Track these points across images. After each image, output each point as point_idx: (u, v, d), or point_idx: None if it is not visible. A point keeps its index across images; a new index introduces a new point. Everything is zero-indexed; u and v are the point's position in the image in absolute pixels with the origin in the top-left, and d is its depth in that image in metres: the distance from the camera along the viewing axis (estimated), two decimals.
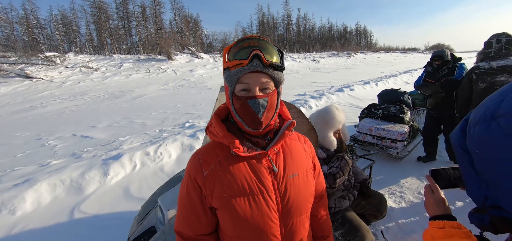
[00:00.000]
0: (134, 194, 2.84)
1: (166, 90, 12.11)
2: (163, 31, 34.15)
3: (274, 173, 0.74)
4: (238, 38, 0.76)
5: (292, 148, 0.82)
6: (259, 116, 0.68)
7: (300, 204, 0.77)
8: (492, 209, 0.49)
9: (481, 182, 0.49)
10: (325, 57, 32.43)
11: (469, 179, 0.53)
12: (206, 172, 0.72)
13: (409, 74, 14.57)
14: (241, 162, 0.73)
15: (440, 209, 0.70)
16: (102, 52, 30.28)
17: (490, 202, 0.49)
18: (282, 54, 0.73)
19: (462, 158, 0.53)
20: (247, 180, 0.71)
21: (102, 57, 21.84)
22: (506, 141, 0.41)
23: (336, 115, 1.73)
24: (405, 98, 4.27)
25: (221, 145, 0.75)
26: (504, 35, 2.38)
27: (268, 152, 0.73)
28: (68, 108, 8.65)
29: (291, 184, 0.76)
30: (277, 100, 0.74)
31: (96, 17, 33.83)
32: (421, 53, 57.56)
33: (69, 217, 2.49)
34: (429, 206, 0.73)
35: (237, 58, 0.67)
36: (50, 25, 33.89)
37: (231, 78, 0.68)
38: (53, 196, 2.77)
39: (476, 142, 0.48)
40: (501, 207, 0.47)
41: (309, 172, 0.84)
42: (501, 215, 0.48)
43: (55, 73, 15.52)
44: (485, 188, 0.49)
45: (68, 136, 5.32)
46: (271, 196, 0.73)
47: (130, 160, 3.39)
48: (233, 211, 0.69)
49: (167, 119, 6.33)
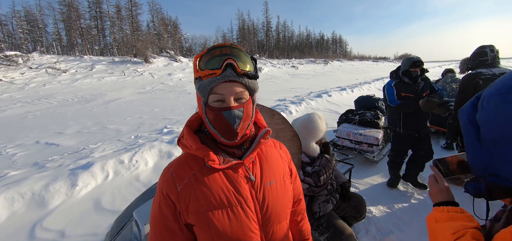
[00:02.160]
0: (106, 206, 2.63)
1: (142, 94, 11.62)
2: (139, 32, 32.93)
3: (252, 182, 0.72)
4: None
5: (268, 155, 0.81)
6: (235, 127, 0.66)
7: (279, 211, 0.76)
8: (491, 177, 0.54)
9: (483, 152, 0.54)
10: (304, 64, 33.38)
11: (472, 151, 0.57)
12: (180, 186, 0.68)
13: (381, 81, 15.44)
14: (216, 173, 0.70)
15: (444, 196, 0.74)
16: (72, 53, 28.34)
17: (490, 171, 0.53)
18: (255, 61, 0.71)
19: (469, 131, 0.57)
20: (224, 191, 0.68)
21: (72, 58, 20.49)
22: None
23: (319, 126, 1.74)
24: (380, 104, 4.50)
25: (195, 157, 0.71)
26: (492, 46, 2.56)
27: (244, 161, 0.71)
28: (31, 112, 7.93)
29: (269, 191, 0.74)
30: (252, 109, 0.72)
31: (65, 15, 31.70)
32: (391, 62, 61.60)
33: (29, 235, 2.23)
34: (433, 194, 0.77)
35: (209, 67, 0.64)
36: (12, 22, 31.09)
37: (204, 89, 0.64)
38: (10, 212, 2.47)
39: (490, 112, 0.52)
40: (498, 175, 0.52)
41: (286, 177, 0.83)
42: (497, 182, 0.53)
43: (16, 74, 14.22)
44: (487, 158, 0.53)
45: (31, 143, 4.85)
46: (250, 205, 0.70)
47: (102, 169, 3.15)
48: (211, 226, 0.66)
49: (144, 124, 6.04)
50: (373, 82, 14.92)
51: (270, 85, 14.89)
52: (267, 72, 23.68)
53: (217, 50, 0.65)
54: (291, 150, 1.64)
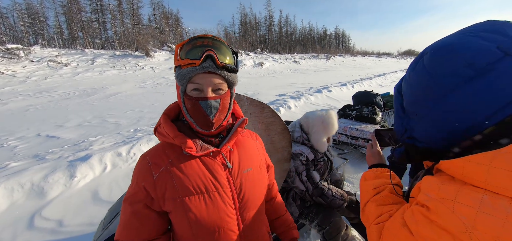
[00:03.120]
0: (104, 197, 2.69)
1: (143, 88, 11.64)
2: (141, 26, 32.80)
3: (229, 169, 0.74)
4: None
5: (246, 144, 0.83)
6: (211, 117, 0.68)
7: (255, 197, 0.79)
8: (408, 139, 0.58)
9: (404, 118, 0.58)
10: (306, 59, 33.17)
11: (397, 117, 0.62)
12: (156, 174, 0.69)
13: (383, 78, 15.37)
14: (194, 160, 0.71)
15: (376, 159, 0.84)
16: (73, 46, 28.39)
17: (407, 134, 0.57)
18: (237, 55, 0.73)
19: (396, 99, 0.61)
20: (201, 178, 0.70)
21: (73, 51, 20.48)
22: (424, 72, 0.50)
23: (334, 123, 1.75)
24: (377, 100, 4.50)
25: (172, 146, 0.73)
26: None
27: (221, 150, 0.73)
28: (33, 105, 7.99)
29: (246, 178, 0.77)
30: (230, 101, 0.74)
31: (66, 8, 31.67)
32: (394, 58, 60.92)
33: (29, 225, 2.29)
34: (368, 158, 0.88)
35: (189, 57, 0.65)
36: (13, 15, 31.10)
37: (183, 78, 0.66)
38: (10, 202, 2.54)
39: (406, 80, 0.57)
40: (414, 137, 0.56)
41: (262, 166, 0.87)
42: (413, 143, 0.57)
43: (18, 67, 14.26)
44: (406, 123, 0.57)
45: (32, 135, 4.91)
46: (227, 192, 0.73)
47: (100, 161, 3.20)
48: (188, 211, 0.67)
49: (143, 118, 6.08)
50: (375, 78, 14.84)
51: (271, 80, 14.86)
52: (268, 67, 23.59)
53: (199, 41, 0.67)
54: (281, 143, 1.67)
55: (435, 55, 0.49)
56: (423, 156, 0.57)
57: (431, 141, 0.53)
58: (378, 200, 0.69)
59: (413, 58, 2.89)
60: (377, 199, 0.69)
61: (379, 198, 0.69)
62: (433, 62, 0.49)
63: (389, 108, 4.86)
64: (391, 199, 0.68)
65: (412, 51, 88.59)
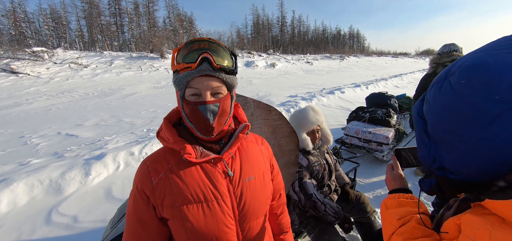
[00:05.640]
0: (116, 195, 2.77)
1: (158, 89, 11.95)
2: (156, 29, 33.75)
3: (230, 177, 0.72)
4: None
5: (249, 150, 0.80)
6: (211, 122, 0.66)
7: (257, 207, 0.75)
8: (438, 171, 0.51)
9: (431, 145, 0.52)
10: (319, 60, 32.72)
11: (421, 145, 0.55)
12: (155, 180, 0.68)
13: (399, 79, 14.83)
14: (193, 167, 0.70)
15: (397, 183, 0.76)
16: (93, 48, 29.70)
17: (437, 164, 0.51)
18: (235, 57, 0.71)
19: (418, 124, 0.55)
20: (200, 186, 0.68)
21: (93, 53, 21.41)
22: (453, 96, 0.44)
23: (308, 116, 1.73)
24: (392, 102, 4.34)
25: (172, 151, 0.72)
26: (454, 44, 2.47)
27: (222, 156, 0.71)
28: (55, 105, 8.42)
29: (247, 187, 0.74)
30: (231, 104, 0.71)
31: (87, 12, 33.18)
32: (411, 58, 58.78)
33: (46, 219, 2.40)
34: (388, 181, 0.79)
35: (185, 61, 0.64)
36: (39, 19, 33.05)
37: (180, 82, 0.65)
38: (30, 197, 2.67)
39: (429, 103, 0.50)
40: (445, 168, 0.49)
41: (266, 174, 0.82)
42: (445, 175, 0.49)
43: (42, 69, 15.11)
44: (433, 151, 0.51)
45: (53, 134, 5.17)
46: (226, 201, 0.70)
47: (114, 160, 3.31)
48: (186, 220, 0.66)
49: (157, 118, 6.23)
50: (390, 79, 14.36)
51: (283, 81, 14.77)
52: (280, 68, 23.49)
53: (195, 44, 0.66)
54: (288, 146, 1.64)
55: (467, 77, 0.42)
56: (458, 190, 0.50)
57: (468, 173, 0.45)
58: (405, 233, 0.62)
59: (431, 57, 2.75)
60: (403, 232, 0.62)
61: (405, 230, 0.62)
62: (465, 85, 0.42)
63: (405, 110, 4.68)
64: (420, 231, 0.61)
65: (431, 50, 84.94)
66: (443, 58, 2.45)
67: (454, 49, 2.41)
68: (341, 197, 1.93)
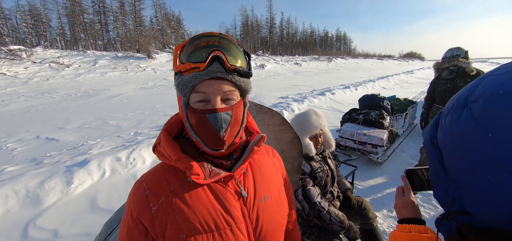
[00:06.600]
0: (102, 205, 2.57)
1: (144, 90, 11.57)
2: (142, 28, 32.84)
3: (243, 198, 0.61)
4: None
5: (262, 164, 0.69)
6: (221, 134, 0.54)
7: (274, 230, 0.65)
8: (460, 215, 0.42)
9: (449, 182, 0.43)
10: (307, 61, 33.05)
11: (436, 179, 0.46)
12: (154, 207, 0.55)
13: (386, 80, 15.20)
14: (201, 189, 0.58)
15: (408, 212, 0.67)
16: (75, 47, 28.45)
17: (457, 207, 0.42)
18: (249, 57, 0.60)
19: (432, 154, 0.46)
20: (210, 212, 0.56)
21: (75, 53, 20.49)
22: (476, 130, 0.35)
23: (311, 120, 1.66)
24: (385, 103, 4.37)
25: (174, 169, 0.59)
26: (460, 48, 2.49)
27: (234, 174, 0.59)
28: (34, 107, 7.93)
29: (264, 209, 0.63)
30: (244, 113, 0.60)
31: (69, 10, 31.83)
32: (396, 60, 60.70)
33: (22, 234, 2.17)
34: (397, 208, 0.70)
35: (192, 60, 0.52)
36: (16, 16, 31.27)
37: (185, 86, 0.53)
38: (4, 210, 2.42)
39: (446, 132, 0.41)
40: (470, 213, 0.40)
41: (281, 190, 0.72)
42: (470, 222, 0.40)
43: (20, 68, 14.25)
44: (452, 190, 0.42)
45: (31, 138, 4.82)
46: (241, 227, 0.58)
47: (99, 167, 3.09)
48: None
49: (144, 120, 5.98)
50: (378, 80, 14.69)
51: (273, 83, 14.75)
52: (270, 69, 23.48)
53: (203, 40, 0.54)
54: (291, 152, 1.55)
55: (495, 107, 0.33)
56: (485, 238, 0.41)
57: (495, 221, 0.37)
58: None
59: (414, 60, 2.74)
60: None
61: None
62: (493, 117, 0.33)
63: (396, 112, 4.73)
64: None
65: (414, 53, 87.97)
66: (444, 64, 2.44)
67: (457, 54, 2.39)
68: (343, 203, 1.87)
